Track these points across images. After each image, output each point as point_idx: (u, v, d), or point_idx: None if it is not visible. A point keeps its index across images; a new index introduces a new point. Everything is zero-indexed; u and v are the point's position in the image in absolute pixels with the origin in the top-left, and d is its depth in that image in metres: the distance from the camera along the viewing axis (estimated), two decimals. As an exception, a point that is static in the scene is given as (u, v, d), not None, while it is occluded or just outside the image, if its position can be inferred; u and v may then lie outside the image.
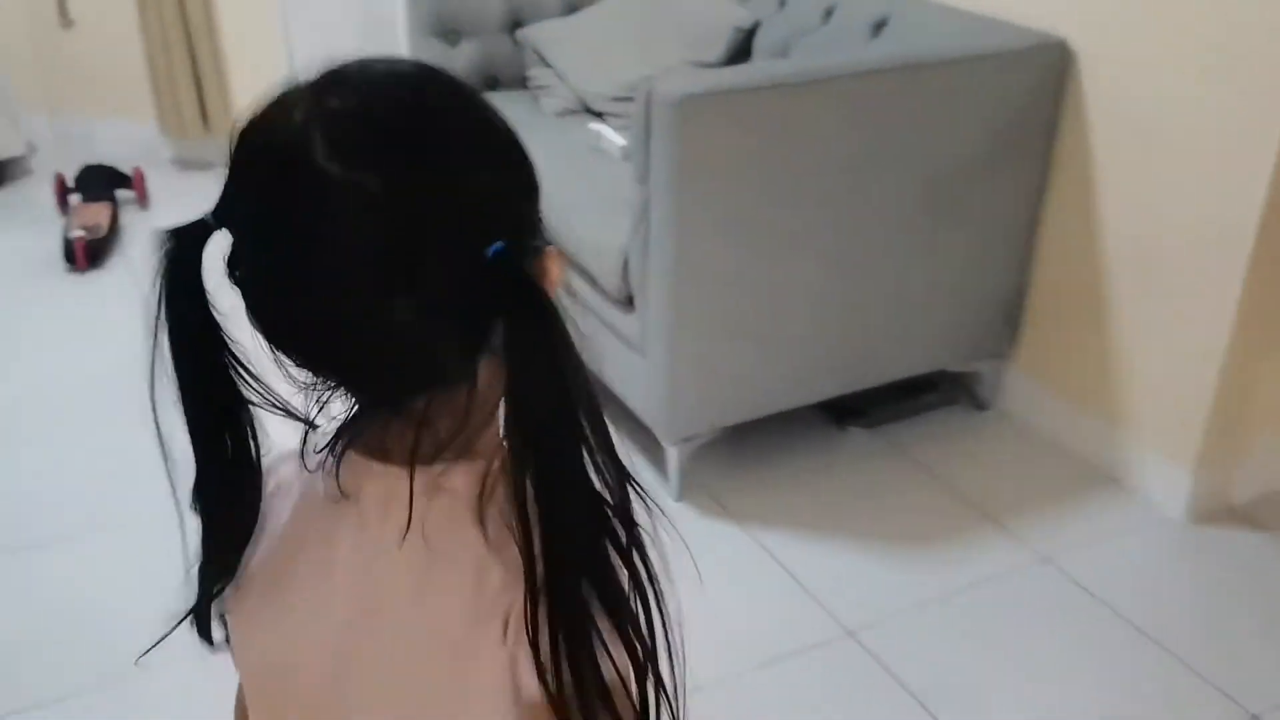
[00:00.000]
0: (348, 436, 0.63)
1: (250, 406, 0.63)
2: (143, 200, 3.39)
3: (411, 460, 0.60)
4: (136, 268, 3.03)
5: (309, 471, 0.66)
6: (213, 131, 3.62)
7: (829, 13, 2.39)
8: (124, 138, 3.75)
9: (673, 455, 2.07)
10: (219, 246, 0.59)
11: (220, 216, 0.58)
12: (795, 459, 2.23)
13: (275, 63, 3.71)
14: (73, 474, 2.19)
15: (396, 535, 0.61)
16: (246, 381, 0.62)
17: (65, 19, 3.15)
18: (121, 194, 3.37)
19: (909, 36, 2.17)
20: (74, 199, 3.30)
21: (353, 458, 0.63)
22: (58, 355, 2.62)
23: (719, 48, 2.57)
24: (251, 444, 0.65)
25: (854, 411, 2.32)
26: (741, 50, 2.58)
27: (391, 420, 0.62)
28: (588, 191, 2.22)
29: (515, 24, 2.87)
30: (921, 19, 2.20)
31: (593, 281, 2.17)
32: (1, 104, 3.45)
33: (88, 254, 2.97)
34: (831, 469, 2.22)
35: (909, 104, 1.95)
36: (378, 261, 0.55)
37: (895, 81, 1.93)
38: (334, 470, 0.63)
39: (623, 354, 2.09)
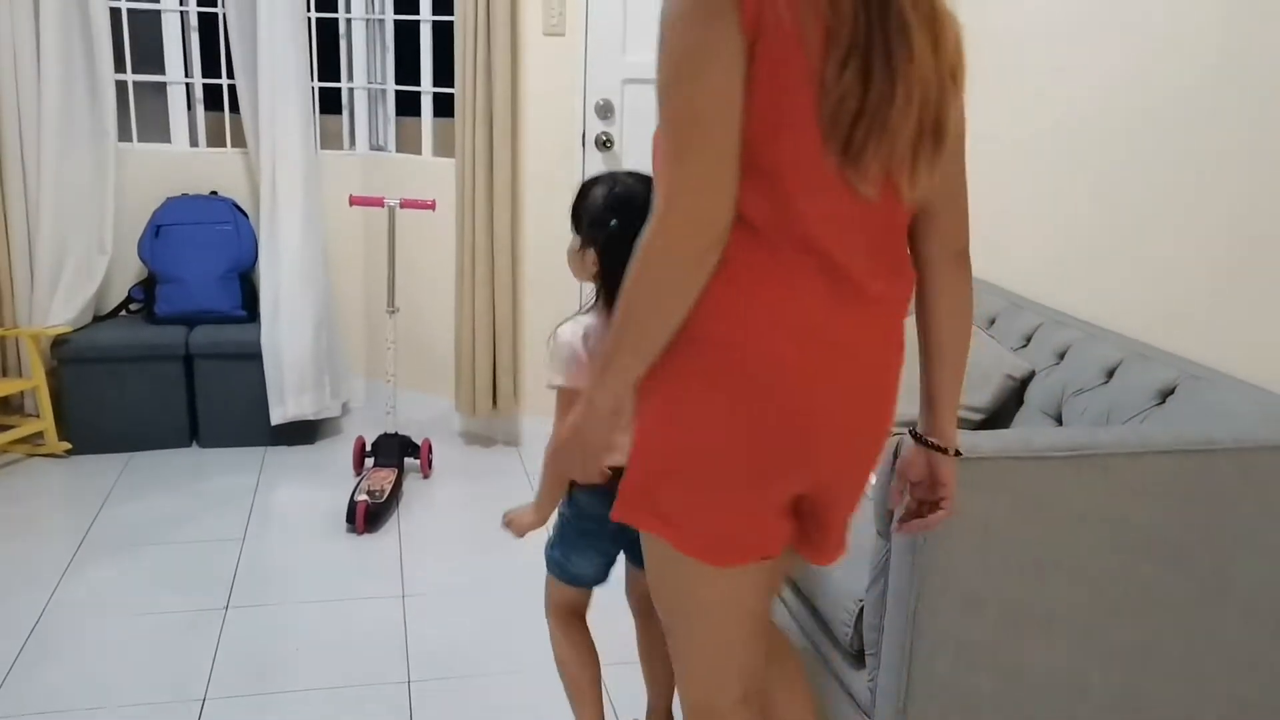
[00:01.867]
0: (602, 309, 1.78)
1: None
2: (426, 471, 3.66)
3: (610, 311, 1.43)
4: (403, 536, 3.23)
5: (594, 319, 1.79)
6: (500, 413, 3.91)
7: (1110, 372, 2.28)
8: (422, 408, 4.13)
9: (891, 840, 1.85)
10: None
11: (615, 211, 1.75)
12: None
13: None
14: (299, 739, 2.26)
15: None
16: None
17: (392, 307, 3.57)
18: (409, 462, 3.66)
19: (1198, 410, 2.02)
20: (368, 462, 3.62)
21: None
22: (315, 611, 2.78)
23: (988, 393, 2.50)
24: None
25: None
26: (1013, 398, 2.50)
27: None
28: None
29: (786, 348, 2.95)
30: (1213, 392, 2.04)
31: (823, 624, 2.07)
32: (333, 372, 3.92)
33: (366, 518, 3.21)
34: None
35: (1197, 489, 1.79)
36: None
37: (1179, 464, 1.78)
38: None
39: (848, 713, 1.95)
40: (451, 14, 3.71)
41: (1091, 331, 2.47)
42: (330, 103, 4.17)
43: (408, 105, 4.19)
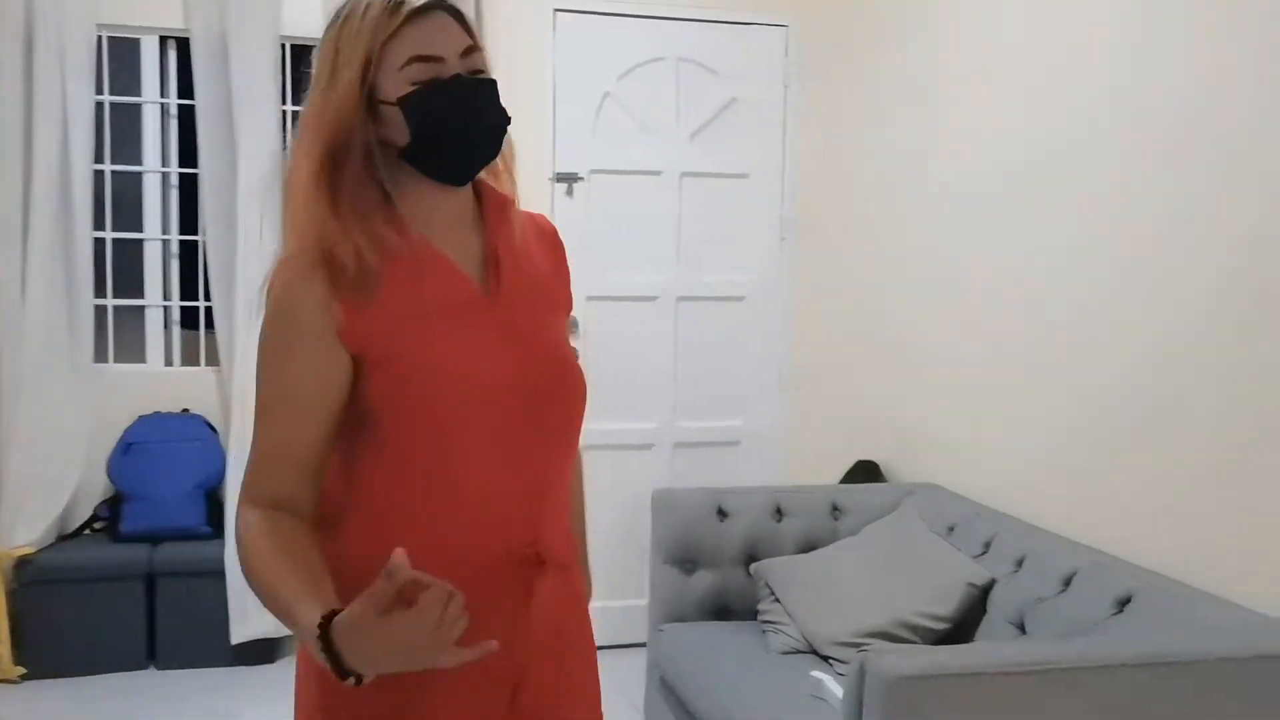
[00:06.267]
0: None
1: None
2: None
3: None
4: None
5: None
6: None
7: (1068, 581, 2.32)
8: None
9: None
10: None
11: None
12: None
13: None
14: None
15: None
16: None
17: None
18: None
19: (1156, 619, 2.06)
20: (332, 682, 3.51)
21: None
22: None
23: (952, 603, 2.52)
24: None
25: None
26: (977, 607, 2.53)
27: None
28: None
29: (750, 557, 2.98)
30: (1168, 602, 2.09)
31: None
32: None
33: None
34: None
35: (1160, 702, 1.80)
36: None
37: (1146, 678, 1.80)
38: None
39: None
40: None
41: (1046, 539, 2.52)
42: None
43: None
